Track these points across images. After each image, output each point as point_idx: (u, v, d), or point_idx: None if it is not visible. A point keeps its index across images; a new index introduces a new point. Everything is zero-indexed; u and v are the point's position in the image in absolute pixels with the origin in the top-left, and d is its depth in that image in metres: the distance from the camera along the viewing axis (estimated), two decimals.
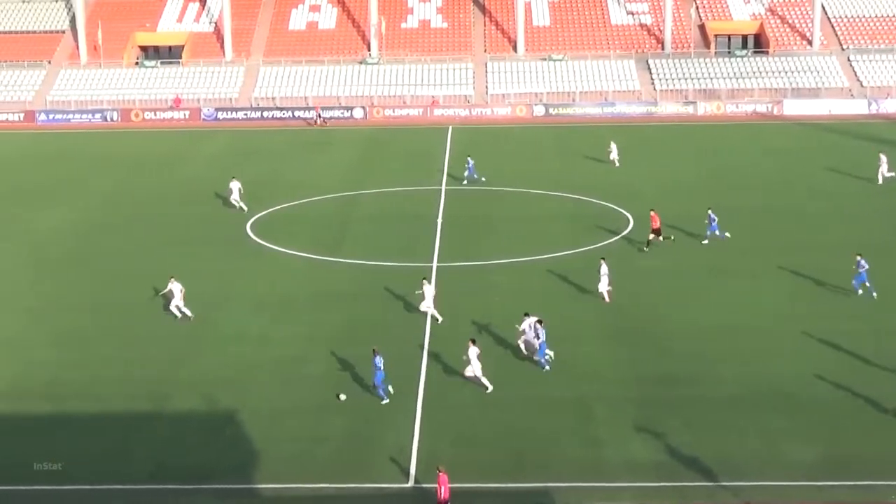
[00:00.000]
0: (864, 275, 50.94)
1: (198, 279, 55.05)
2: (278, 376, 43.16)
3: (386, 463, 35.66)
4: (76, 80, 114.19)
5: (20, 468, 35.96)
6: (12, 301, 52.69)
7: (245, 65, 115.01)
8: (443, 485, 32.05)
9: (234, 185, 70.27)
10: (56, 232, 65.52)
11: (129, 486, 34.72)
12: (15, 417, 40.07)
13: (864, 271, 50.89)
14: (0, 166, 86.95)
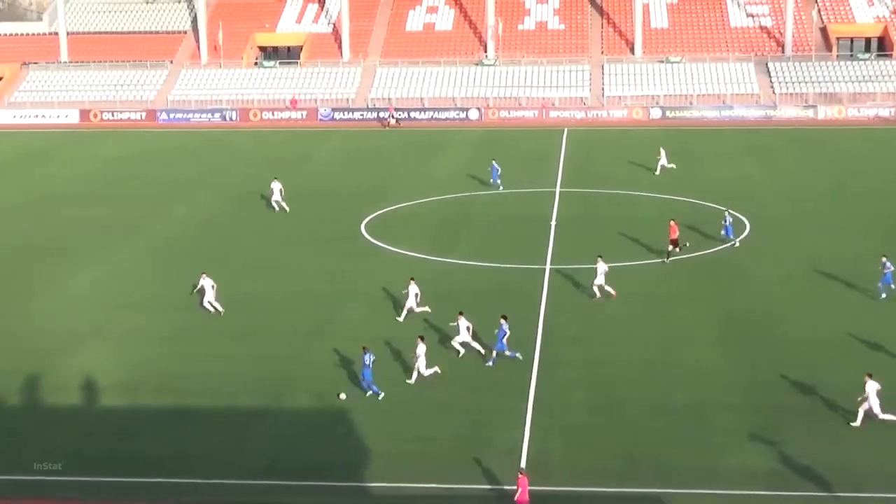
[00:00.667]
0: (888, 276, 50.54)
1: (312, 278, 55.72)
2: (392, 374, 43.30)
3: (496, 464, 35.61)
4: (197, 80, 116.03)
5: (137, 461, 36.66)
6: (134, 297, 53.62)
7: (362, 65, 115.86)
8: (522, 487, 32.03)
9: (276, 185, 70.86)
10: (176, 230, 66.60)
11: (242, 481, 35.12)
12: (133, 411, 40.81)
13: (890, 272, 50.47)
14: (121, 165, 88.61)
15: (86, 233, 65.65)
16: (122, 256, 60.95)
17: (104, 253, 61.53)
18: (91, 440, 38.33)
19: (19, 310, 51.43)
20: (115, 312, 51.23)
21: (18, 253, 61.70)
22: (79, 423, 39.78)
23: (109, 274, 57.57)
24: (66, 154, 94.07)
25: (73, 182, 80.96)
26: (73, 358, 45.52)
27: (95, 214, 70.20)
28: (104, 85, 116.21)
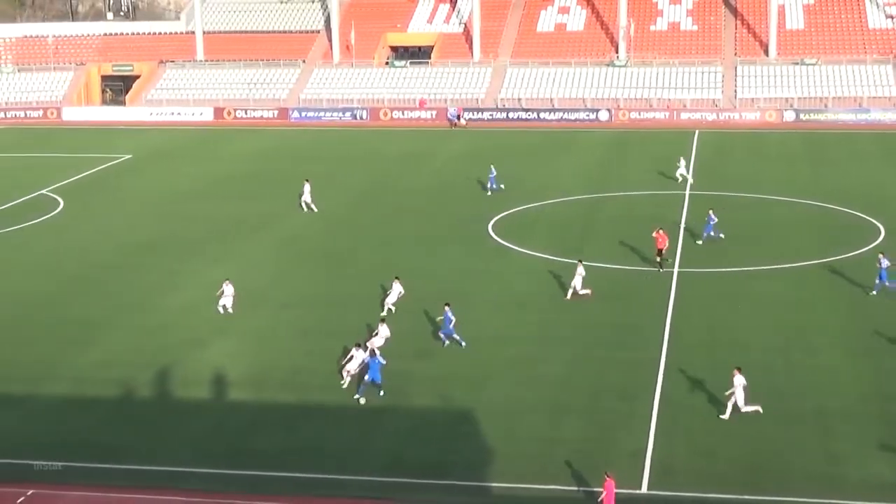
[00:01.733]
0: (884, 273, 50.85)
1: (440, 277, 55.95)
2: (515, 376, 43.33)
3: (619, 468, 35.37)
4: (328, 79, 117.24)
5: (262, 455, 37.19)
6: (264, 293, 54.36)
7: (492, 66, 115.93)
8: (608, 490, 31.76)
9: (307, 186, 71.08)
10: (306, 227, 67.34)
11: (365, 477, 35.40)
12: (259, 405, 41.40)
13: (885, 269, 50.80)
14: (253, 162, 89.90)
15: (218, 229, 66.73)
16: (253, 252, 61.84)
17: (235, 249, 62.50)
18: (218, 434, 38.98)
19: (152, 304, 52.50)
20: (243, 308, 51.97)
21: (152, 248, 62.95)
22: (207, 416, 40.48)
23: (239, 269, 58.43)
24: (200, 151, 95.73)
25: (206, 179, 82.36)
26: (202, 352, 46.33)
27: (227, 211, 71.33)
28: (238, 83, 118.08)
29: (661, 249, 56.47)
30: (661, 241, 56.61)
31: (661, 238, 56.73)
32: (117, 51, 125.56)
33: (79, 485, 35.27)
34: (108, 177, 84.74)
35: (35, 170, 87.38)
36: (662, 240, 56.66)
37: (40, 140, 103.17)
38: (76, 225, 68.96)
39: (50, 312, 52.13)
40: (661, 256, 56.46)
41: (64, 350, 46.86)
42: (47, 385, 43.36)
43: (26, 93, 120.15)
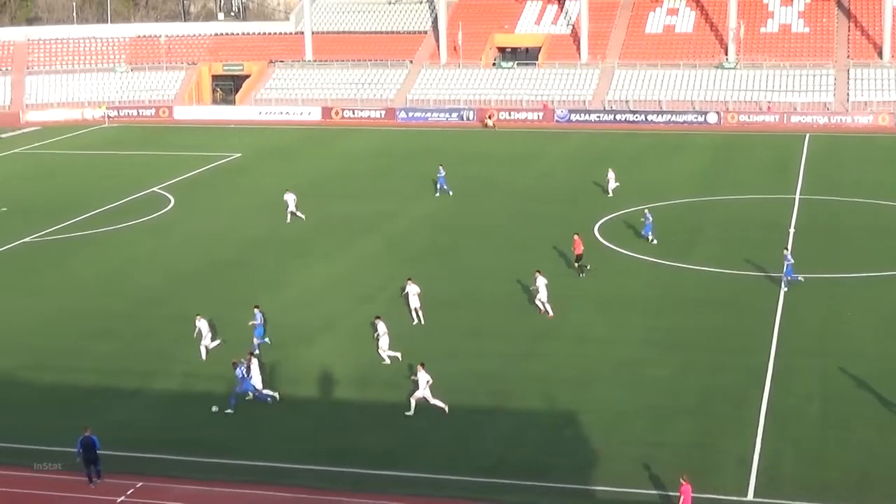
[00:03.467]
0: (790, 268, 52.45)
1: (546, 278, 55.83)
2: (621, 378, 43.08)
3: (726, 473, 34.99)
4: (435, 80, 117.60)
5: (367, 453, 37.41)
6: (368, 292, 54.64)
7: (600, 67, 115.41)
8: (685, 495, 31.34)
9: (290, 197, 69.80)
10: (411, 226, 67.60)
11: (468, 478, 35.41)
12: (363, 404, 41.62)
13: (790, 265, 52.49)
14: (361, 162, 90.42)
15: (325, 227, 67.22)
16: (359, 251, 62.23)
17: (342, 247, 62.93)
18: (323, 431, 39.27)
19: (261, 302, 52.95)
20: (349, 306, 52.34)
21: (261, 246, 63.65)
22: (313, 413, 40.81)
23: (346, 268, 58.86)
24: (308, 150, 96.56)
25: (314, 178, 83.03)
26: (308, 349, 46.73)
27: (335, 210, 71.83)
28: (346, 83, 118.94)
29: (578, 255, 56.40)
30: (577, 247, 56.54)
31: (577, 243, 56.63)
32: (228, 51, 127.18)
33: (187, 479, 35.78)
34: (218, 175, 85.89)
35: (147, 167, 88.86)
36: (578, 245, 56.57)
37: (152, 138, 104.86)
38: (187, 222, 69.97)
39: (161, 308, 52.94)
40: (578, 261, 56.39)
41: (175, 345, 47.56)
42: (159, 380, 44.05)
43: (139, 91, 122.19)
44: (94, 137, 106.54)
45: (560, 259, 59.23)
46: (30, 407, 41.81)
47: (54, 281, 57.77)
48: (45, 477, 35.98)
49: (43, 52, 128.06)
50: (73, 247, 64.48)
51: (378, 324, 45.69)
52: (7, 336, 49.15)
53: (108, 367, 45.37)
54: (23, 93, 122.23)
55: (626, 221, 67.18)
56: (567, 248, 58.81)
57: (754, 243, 60.77)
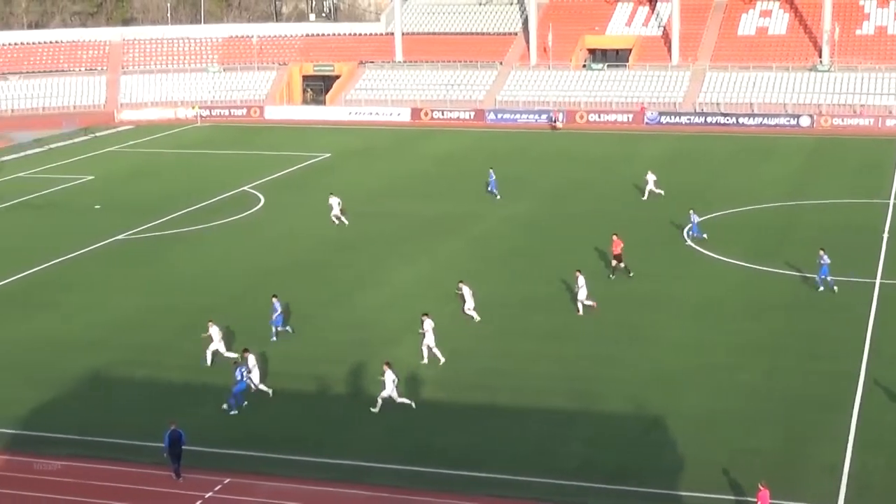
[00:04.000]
0: (825, 269, 52.21)
1: (630, 281, 55.45)
2: (709, 382, 42.67)
3: (815, 481, 34.50)
4: (525, 81, 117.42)
5: (450, 454, 37.41)
6: (453, 293, 54.63)
7: (691, 69, 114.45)
8: (762, 501, 30.90)
9: (334, 200, 69.38)
10: (498, 227, 67.50)
11: (551, 480, 35.25)
12: (447, 404, 41.64)
13: (826, 265, 52.16)
14: (449, 163, 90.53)
15: (412, 228, 67.39)
16: (446, 252, 62.31)
17: (429, 248, 63.05)
18: (407, 431, 39.35)
19: (348, 301, 53.28)
20: (433, 307, 52.32)
21: (349, 246, 63.94)
22: (397, 413, 40.85)
23: (432, 269, 58.96)
24: (397, 151, 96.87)
25: (402, 178, 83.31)
26: (394, 350, 46.78)
27: (422, 210, 71.98)
28: (435, 84, 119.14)
29: (617, 255, 56.20)
30: (616, 247, 56.40)
31: (616, 244, 56.46)
32: (319, 51, 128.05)
33: (273, 475, 36.05)
34: (307, 174, 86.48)
35: (238, 167, 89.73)
36: (617, 245, 56.40)
37: (243, 138, 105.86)
38: (276, 221, 70.53)
39: (249, 306, 53.39)
40: (619, 261, 56.20)
41: (263, 344, 47.91)
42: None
43: (231, 91, 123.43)
44: (186, 136, 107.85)
45: (646, 261, 58.80)
46: (122, 403, 42.37)
47: (146, 278, 58.54)
48: (134, 471, 36.45)
49: (138, 53, 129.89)
50: (164, 244, 65.30)
51: (425, 321, 45.69)
52: (100, 332, 49.85)
53: (197, 364, 45.82)
54: (118, 92, 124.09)
55: (716, 224, 66.50)
56: (651, 251, 58.40)
57: (846, 248, 59.79)
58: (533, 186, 78.80)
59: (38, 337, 49.17)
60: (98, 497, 35.01)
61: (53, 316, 51.24)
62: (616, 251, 56.48)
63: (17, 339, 48.97)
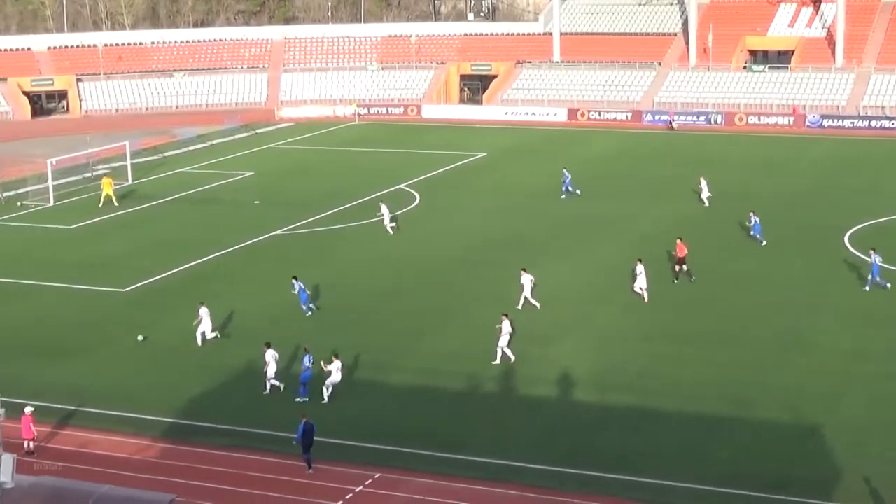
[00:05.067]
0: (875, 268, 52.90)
1: (786, 285, 54.54)
2: (870, 392, 41.62)
3: None
4: (683, 82, 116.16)
5: (601, 456, 37.20)
6: (609, 293, 54.39)
7: (855, 72, 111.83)
8: None
9: (384, 208, 67.90)
10: (654, 229, 66.82)
11: (701, 486, 34.83)
12: (600, 407, 41.39)
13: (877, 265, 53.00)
14: (605, 163, 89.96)
15: (566, 227, 67.11)
16: (601, 253, 61.95)
17: (582, 248, 62.76)
18: (558, 431, 39.25)
19: (499, 299, 53.22)
20: (590, 308, 52.19)
21: (502, 244, 63.95)
22: (548, 413, 40.83)
23: (588, 269, 58.68)
24: (552, 151, 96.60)
25: (558, 178, 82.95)
26: (546, 349, 46.74)
27: (577, 210, 71.65)
28: (593, 85, 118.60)
29: (681, 258, 56.09)
30: (681, 251, 56.24)
31: (681, 247, 56.32)
32: (476, 51, 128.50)
33: (422, 472, 36.27)
34: (462, 173, 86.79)
35: (394, 164, 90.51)
36: (682, 249, 56.26)
37: (400, 136, 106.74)
38: (430, 219, 70.95)
39: (400, 303, 53.83)
40: (681, 265, 56.10)
41: (412, 340, 48.29)
42: (395, 374, 44.76)
43: (389, 90, 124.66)
44: (344, 134, 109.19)
45: (805, 267, 57.66)
46: (274, 395, 42.98)
47: (302, 273, 59.29)
48: (286, 463, 37.02)
49: (298, 51, 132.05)
50: (320, 240, 66.21)
51: (504, 322, 45.54)
52: (256, 324, 50.71)
53: (346, 359, 46.25)
54: (278, 89, 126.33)
55: (880, 230, 64.86)
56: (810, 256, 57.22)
57: None
58: (689, 188, 77.74)
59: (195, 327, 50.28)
60: (253, 487, 35.68)
61: (213, 307, 52.26)
62: (680, 255, 56.21)
63: (176, 329, 50.13)
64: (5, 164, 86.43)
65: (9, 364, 46.69)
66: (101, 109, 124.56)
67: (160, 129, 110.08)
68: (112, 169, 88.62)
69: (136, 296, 56.04)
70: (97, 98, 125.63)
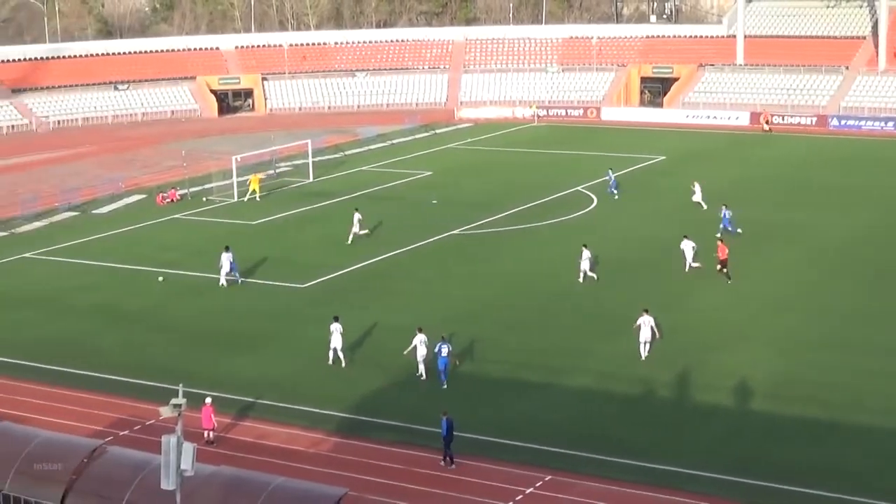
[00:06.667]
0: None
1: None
2: None
3: None
4: (872, 87, 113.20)
5: (773, 467, 36.47)
6: (789, 302, 53.30)
7: None
8: None
9: (356, 217, 66.63)
10: (837, 238, 65.21)
11: (870, 501, 33.91)
12: (776, 416, 40.56)
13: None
14: (787, 169, 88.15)
15: (746, 233, 65.78)
16: (777, 259, 60.77)
17: (759, 254, 61.61)
18: (731, 440, 38.70)
19: (677, 304, 52.61)
20: (769, 315, 51.23)
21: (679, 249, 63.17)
22: (722, 421, 40.27)
23: (767, 276, 57.61)
24: (732, 155, 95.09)
25: (736, 183, 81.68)
26: (724, 356, 46.08)
27: (756, 216, 70.31)
28: (776, 88, 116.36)
29: (723, 260, 56.42)
30: (722, 252, 56.61)
31: (722, 249, 56.74)
32: (658, 53, 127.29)
33: (592, 476, 36.08)
34: (641, 176, 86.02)
35: (573, 166, 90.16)
36: (723, 251, 56.63)
37: (579, 138, 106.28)
38: (607, 221, 70.52)
39: (575, 305, 53.66)
40: (723, 266, 56.46)
41: (589, 343, 48.11)
42: (571, 376, 44.62)
43: (568, 92, 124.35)
44: (522, 135, 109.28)
45: None
46: (444, 393, 43.28)
47: (477, 272, 59.70)
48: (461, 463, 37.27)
49: (479, 52, 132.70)
50: (496, 240, 66.38)
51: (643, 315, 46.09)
52: (431, 322, 50.97)
53: (521, 360, 46.39)
54: (458, 90, 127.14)
55: None
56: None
57: None
58: (879, 198, 75.50)
59: (373, 323, 50.82)
60: (422, 484, 36.05)
61: (391, 304, 52.83)
62: (722, 257, 56.42)
63: (352, 326, 50.81)
64: (192, 161, 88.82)
65: (190, 355, 48.05)
66: (284, 108, 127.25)
67: (342, 127, 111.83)
68: (294, 167, 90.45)
69: (315, 292, 57.03)
70: (281, 97, 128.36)
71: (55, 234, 71.12)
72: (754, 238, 65.12)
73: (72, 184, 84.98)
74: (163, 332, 51.34)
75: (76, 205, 78.67)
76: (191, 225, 72.77)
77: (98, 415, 41.83)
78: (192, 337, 50.68)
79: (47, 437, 34.38)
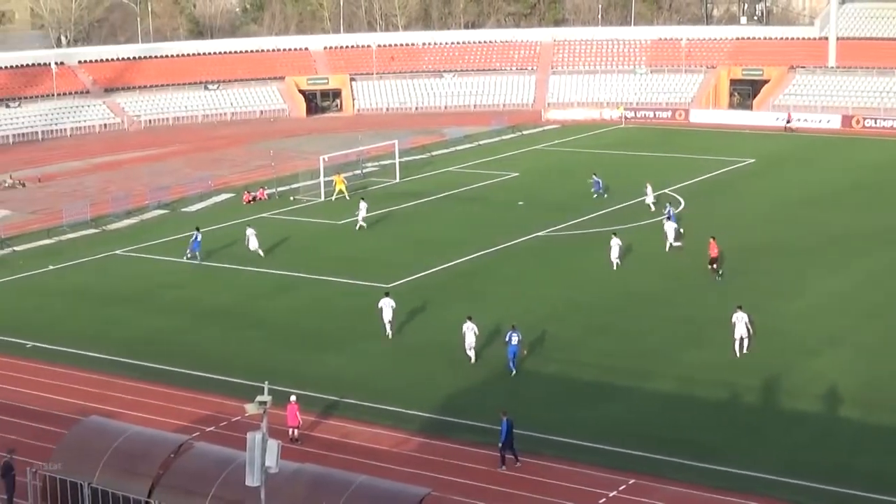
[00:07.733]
0: None
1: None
2: None
3: None
4: None
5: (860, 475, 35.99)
6: (882, 308, 52.52)
7: None
8: None
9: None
10: None
11: None
12: (864, 424, 40.04)
13: None
14: (879, 173, 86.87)
15: (834, 238, 65.07)
16: (866, 265, 59.91)
17: (855, 260, 60.80)
18: (818, 447, 38.28)
19: (766, 309, 51.98)
20: (858, 321, 50.52)
21: (767, 252, 62.59)
22: (809, 428, 39.81)
23: (858, 281, 56.89)
24: (823, 159, 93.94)
25: (826, 187, 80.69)
26: (812, 362, 45.57)
27: (846, 221, 69.46)
28: (869, 91, 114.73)
29: (714, 258, 57.37)
30: (712, 250, 57.51)
31: (712, 247, 57.64)
32: (748, 55, 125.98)
33: (676, 480, 35.84)
34: (729, 179, 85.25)
35: (660, 169, 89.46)
36: (713, 248, 57.57)
37: (667, 140, 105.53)
38: (694, 224, 69.81)
39: (660, 308, 53.31)
40: (713, 264, 57.35)
41: (674, 348, 47.77)
42: (655, 380, 44.35)
43: (657, 93, 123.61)
44: (610, 137, 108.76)
45: None
46: (530, 394, 43.24)
47: (562, 274, 59.58)
48: (538, 464, 37.17)
49: (567, 53, 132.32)
50: (581, 242, 66.18)
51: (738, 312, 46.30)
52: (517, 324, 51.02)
53: (606, 362, 46.19)
54: (546, 91, 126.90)
55: None
56: None
57: None
58: None
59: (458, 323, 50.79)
60: (505, 486, 36.08)
61: (476, 305, 52.80)
62: (713, 254, 57.44)
63: (436, 326, 50.92)
64: (280, 160, 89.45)
65: (276, 353, 48.46)
66: (372, 108, 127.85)
67: (429, 128, 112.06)
68: (381, 167, 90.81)
69: (400, 291, 57.15)
70: (369, 97, 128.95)
71: (145, 232, 72.13)
72: (842, 242, 64.28)
73: (162, 182, 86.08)
74: (249, 330, 51.83)
75: (166, 203, 79.71)
76: (277, 224, 73.30)
77: (185, 411, 42.35)
78: (278, 334, 51.11)
79: (136, 431, 34.85)
